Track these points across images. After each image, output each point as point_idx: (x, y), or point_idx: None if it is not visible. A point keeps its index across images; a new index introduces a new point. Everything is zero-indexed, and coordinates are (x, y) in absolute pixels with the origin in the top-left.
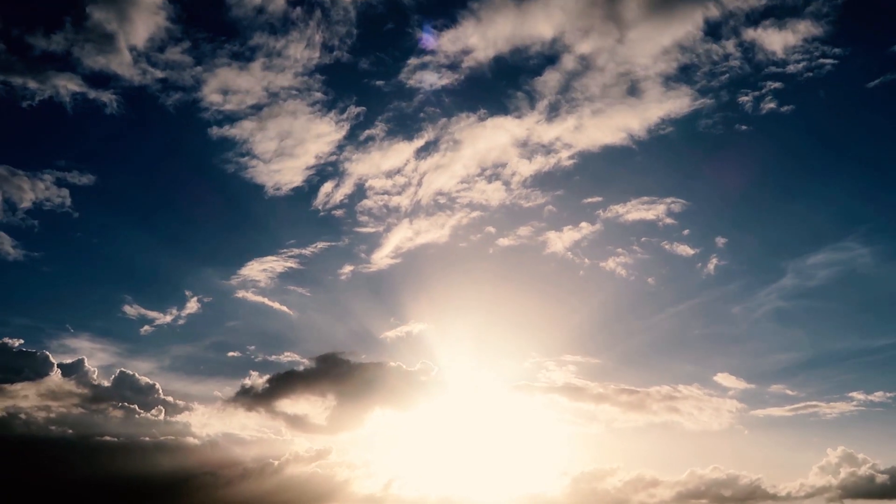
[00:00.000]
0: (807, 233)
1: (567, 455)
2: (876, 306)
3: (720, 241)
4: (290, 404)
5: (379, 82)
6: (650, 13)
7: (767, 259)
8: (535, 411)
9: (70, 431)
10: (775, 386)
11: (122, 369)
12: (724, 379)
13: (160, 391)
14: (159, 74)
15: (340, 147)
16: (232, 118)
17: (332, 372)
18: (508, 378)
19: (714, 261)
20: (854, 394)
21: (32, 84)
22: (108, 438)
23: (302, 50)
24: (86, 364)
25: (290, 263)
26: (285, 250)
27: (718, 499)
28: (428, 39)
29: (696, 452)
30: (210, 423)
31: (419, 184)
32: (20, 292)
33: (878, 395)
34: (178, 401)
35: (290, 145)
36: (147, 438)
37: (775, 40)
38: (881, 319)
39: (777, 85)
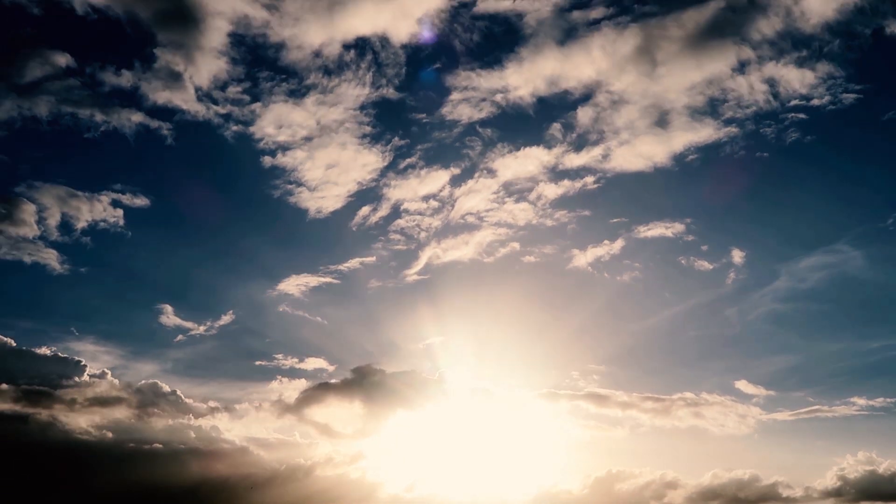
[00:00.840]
0: (799, 237)
1: (592, 458)
2: (869, 308)
3: (736, 254)
4: (322, 411)
5: (421, 115)
6: (685, 52)
7: (762, 263)
8: (561, 418)
9: (110, 436)
10: (777, 390)
11: (154, 380)
12: (744, 386)
13: (182, 396)
14: (220, 110)
15: (382, 174)
16: (284, 148)
17: (365, 381)
18: (534, 387)
19: (732, 275)
20: (855, 399)
21: (99, 116)
22: (143, 445)
23: (353, 88)
24: (109, 373)
25: (326, 279)
26: (322, 267)
27: (734, 500)
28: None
29: (712, 457)
30: (238, 428)
31: (451, 206)
32: (57, 303)
33: (879, 401)
34: (197, 403)
35: (336, 174)
36: (181, 445)
37: (796, 77)
38: (875, 322)
39: (801, 116)
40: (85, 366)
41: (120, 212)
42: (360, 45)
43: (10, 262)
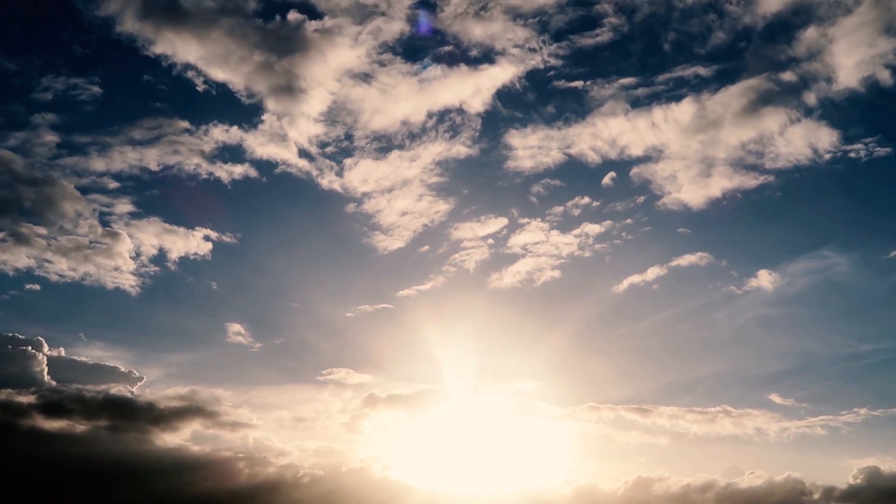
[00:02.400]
0: (788, 242)
1: (632, 464)
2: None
3: (764, 277)
4: (369, 421)
5: (488, 169)
6: (741, 116)
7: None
8: (602, 429)
9: (174, 444)
10: (776, 394)
11: (194, 387)
12: (774, 397)
13: (224, 404)
14: (317, 164)
15: (448, 218)
16: (367, 196)
17: (414, 394)
18: (580, 400)
19: (759, 305)
20: (857, 408)
21: (204, 167)
22: (190, 452)
23: (432, 146)
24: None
25: (382, 305)
26: (380, 294)
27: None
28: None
29: (723, 461)
30: (287, 435)
31: (505, 242)
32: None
33: (879, 412)
34: (249, 412)
35: (408, 219)
36: (228, 452)
37: (833, 135)
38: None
39: (839, 167)
40: (140, 377)
41: (209, 245)
42: (442, 114)
43: (93, 287)
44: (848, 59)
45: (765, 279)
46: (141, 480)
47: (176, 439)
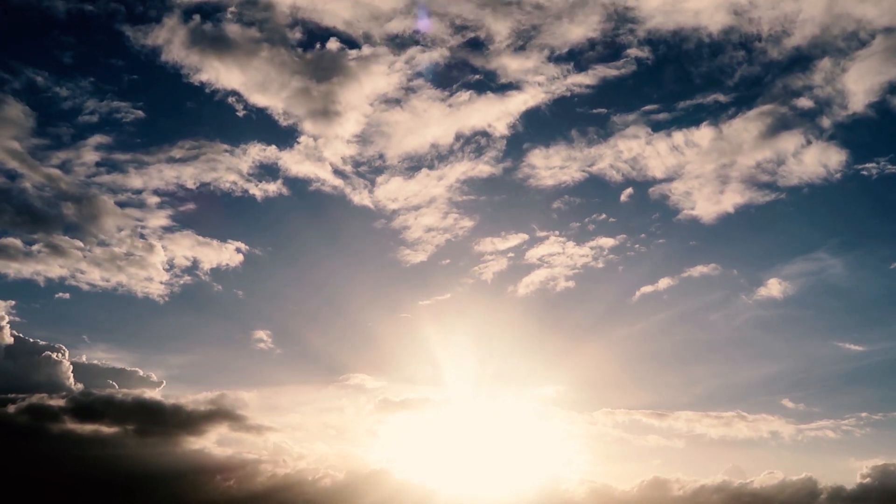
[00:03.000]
0: (793, 252)
1: (643, 466)
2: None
3: (773, 284)
4: (385, 424)
5: (511, 186)
6: (758, 140)
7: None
8: (617, 432)
9: (194, 448)
10: (773, 395)
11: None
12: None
13: (247, 408)
14: (350, 182)
15: (471, 233)
16: (396, 213)
17: (427, 399)
18: (593, 406)
19: (765, 309)
20: (857, 412)
21: (240, 184)
22: (212, 455)
23: (458, 166)
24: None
25: (403, 314)
26: (403, 305)
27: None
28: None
29: (723, 462)
30: (302, 438)
31: (523, 255)
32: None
33: (879, 416)
34: (264, 415)
35: (432, 235)
36: (249, 455)
37: (836, 155)
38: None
39: (851, 185)
40: (160, 381)
41: (241, 257)
42: (469, 136)
43: (123, 296)
44: (860, 85)
45: (774, 287)
46: (165, 483)
47: (200, 442)
